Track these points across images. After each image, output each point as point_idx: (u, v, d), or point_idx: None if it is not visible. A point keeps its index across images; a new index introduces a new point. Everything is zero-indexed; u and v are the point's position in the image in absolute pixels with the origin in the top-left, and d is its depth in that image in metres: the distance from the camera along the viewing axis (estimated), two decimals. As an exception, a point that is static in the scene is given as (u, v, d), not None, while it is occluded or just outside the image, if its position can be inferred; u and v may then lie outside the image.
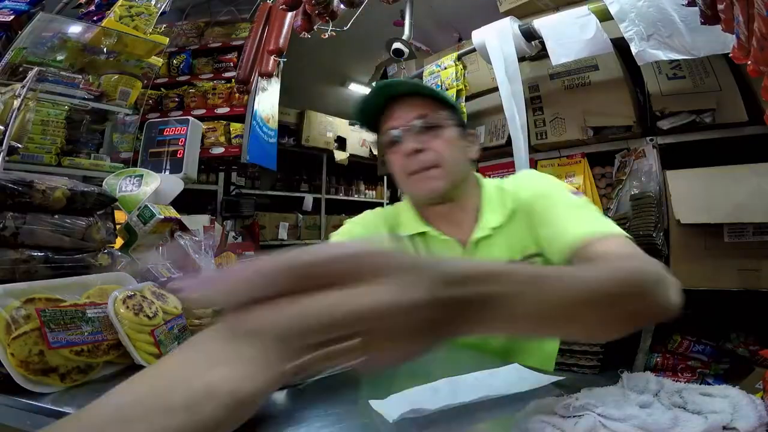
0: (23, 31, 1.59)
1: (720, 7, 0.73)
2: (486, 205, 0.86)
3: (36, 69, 1.36)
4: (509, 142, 1.84)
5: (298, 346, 0.25)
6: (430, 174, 0.81)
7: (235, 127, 2.37)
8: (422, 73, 2.40)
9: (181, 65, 2.55)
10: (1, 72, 1.50)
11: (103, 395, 0.40)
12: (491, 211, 0.85)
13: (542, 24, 1.68)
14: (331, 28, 1.86)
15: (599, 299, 0.41)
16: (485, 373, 0.61)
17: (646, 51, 1.41)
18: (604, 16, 1.52)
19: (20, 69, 1.51)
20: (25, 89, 1.27)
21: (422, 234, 0.88)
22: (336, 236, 0.96)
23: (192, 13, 2.82)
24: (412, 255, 0.29)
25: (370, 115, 0.88)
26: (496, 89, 1.85)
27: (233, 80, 2.37)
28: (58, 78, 1.57)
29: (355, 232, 0.95)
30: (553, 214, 0.74)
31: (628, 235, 0.65)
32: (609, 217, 1.74)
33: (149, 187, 1.09)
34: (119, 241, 1.03)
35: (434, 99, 0.84)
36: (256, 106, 2.31)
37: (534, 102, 2.04)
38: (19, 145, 1.27)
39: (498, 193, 0.87)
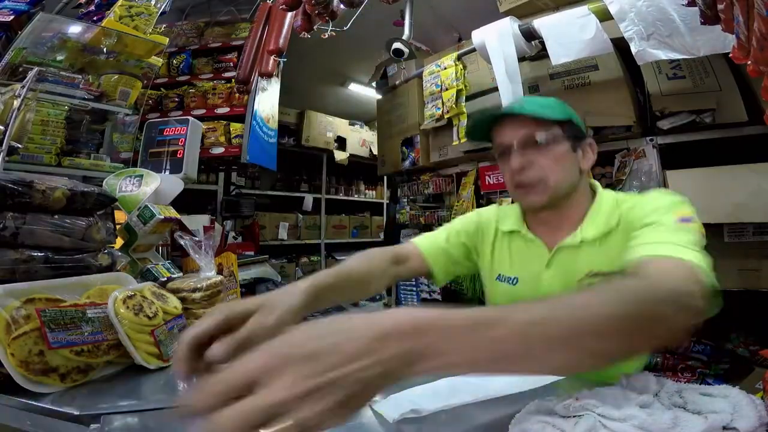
0: (23, 31, 1.59)
1: (720, 7, 0.73)
2: (589, 217, 0.89)
3: (36, 69, 1.36)
4: (509, 142, 1.84)
5: None
6: (533, 190, 0.88)
7: (235, 127, 2.37)
8: (422, 73, 2.40)
9: (181, 65, 2.54)
10: (1, 72, 1.50)
11: None
12: (591, 224, 0.88)
13: (542, 24, 1.68)
14: (331, 28, 1.86)
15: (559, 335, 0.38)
16: None
17: (645, 50, 1.41)
18: (604, 16, 1.52)
19: (20, 69, 1.51)
20: (25, 89, 1.27)
21: (516, 232, 0.97)
22: (459, 220, 1.08)
23: (192, 13, 2.82)
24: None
25: (481, 126, 0.95)
26: (496, 89, 1.85)
27: (233, 80, 2.37)
28: (58, 78, 1.57)
29: (472, 218, 1.07)
30: (642, 233, 0.72)
31: (700, 263, 0.62)
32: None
33: (149, 187, 1.09)
34: (119, 241, 1.03)
35: (546, 119, 0.86)
36: (256, 106, 2.31)
37: (534, 102, 2.04)
38: (19, 145, 1.27)
39: (609, 207, 0.88)
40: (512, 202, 1.07)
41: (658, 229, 0.70)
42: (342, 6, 1.79)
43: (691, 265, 0.60)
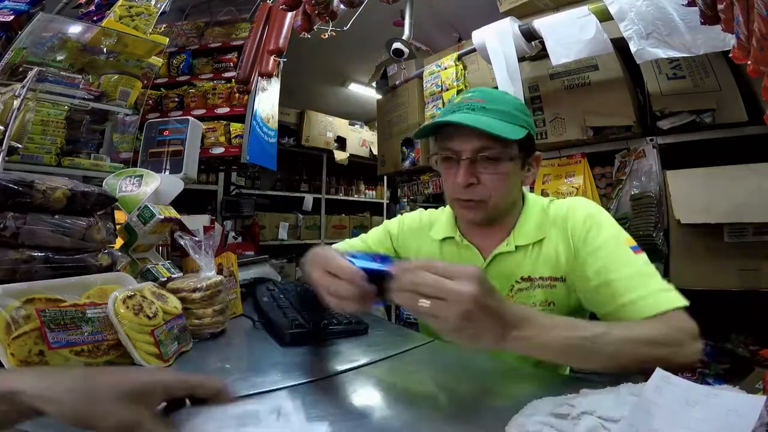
0: (23, 31, 1.59)
1: (720, 7, 0.73)
2: (520, 225, 0.92)
3: (36, 69, 1.36)
4: (509, 142, 1.84)
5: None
6: (473, 208, 0.87)
7: (235, 127, 2.37)
8: (422, 73, 2.40)
9: (181, 65, 2.54)
10: (1, 72, 1.50)
11: None
12: (522, 232, 0.91)
13: (542, 24, 1.68)
14: (331, 28, 1.86)
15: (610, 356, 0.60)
16: None
17: (645, 50, 1.41)
18: (604, 16, 1.52)
19: (20, 69, 1.51)
20: (25, 89, 1.27)
21: (450, 239, 0.98)
22: (389, 223, 1.13)
23: (192, 13, 2.82)
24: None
25: (431, 127, 0.90)
26: (496, 89, 1.85)
27: (233, 80, 2.37)
28: (58, 78, 1.57)
29: (399, 223, 1.11)
30: (614, 274, 0.76)
31: (679, 302, 0.72)
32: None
33: (149, 187, 1.09)
34: (119, 241, 1.03)
35: (497, 137, 0.82)
36: (256, 106, 2.31)
37: (534, 102, 2.04)
38: (19, 145, 1.27)
39: (538, 216, 0.91)
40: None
41: (630, 274, 0.76)
42: (342, 6, 1.79)
43: (683, 312, 0.71)
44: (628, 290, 0.73)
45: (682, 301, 0.71)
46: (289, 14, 2.10)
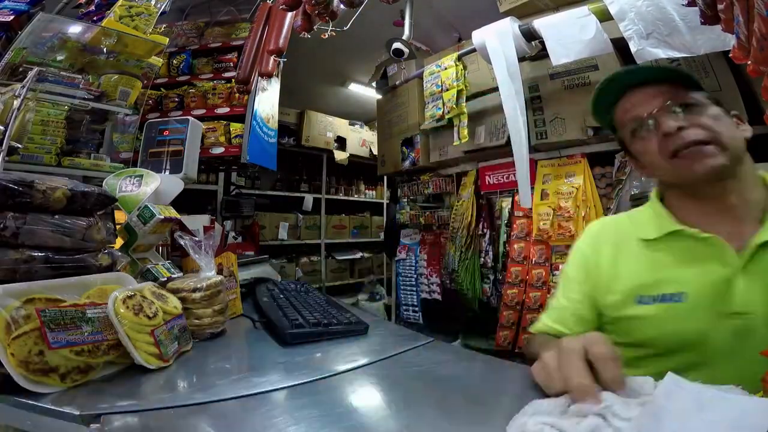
0: (23, 31, 1.59)
1: (720, 7, 0.73)
2: None
3: (36, 69, 1.36)
4: (509, 142, 1.84)
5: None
6: (704, 150, 0.68)
7: (235, 127, 2.37)
8: (422, 73, 2.40)
9: (181, 65, 2.54)
10: (1, 72, 1.49)
11: None
12: None
13: (542, 24, 1.68)
14: (331, 28, 1.86)
15: None
16: None
17: (645, 49, 1.40)
18: (604, 16, 1.52)
19: (20, 69, 1.51)
20: (25, 89, 1.27)
21: (674, 234, 0.74)
22: (570, 260, 0.88)
23: (192, 13, 2.82)
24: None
25: (602, 107, 0.79)
26: (496, 89, 1.85)
27: (233, 80, 2.37)
28: (58, 78, 1.57)
29: (585, 251, 0.85)
30: None
31: None
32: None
33: (149, 187, 1.09)
34: (119, 241, 1.03)
35: (682, 83, 0.71)
36: (256, 106, 2.31)
37: (534, 102, 2.04)
38: (19, 145, 1.26)
39: None
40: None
41: None
42: (342, 6, 1.79)
43: None
44: None
45: None
46: (289, 14, 2.10)
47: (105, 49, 1.70)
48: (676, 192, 0.77)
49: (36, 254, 0.69)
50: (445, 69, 2.20)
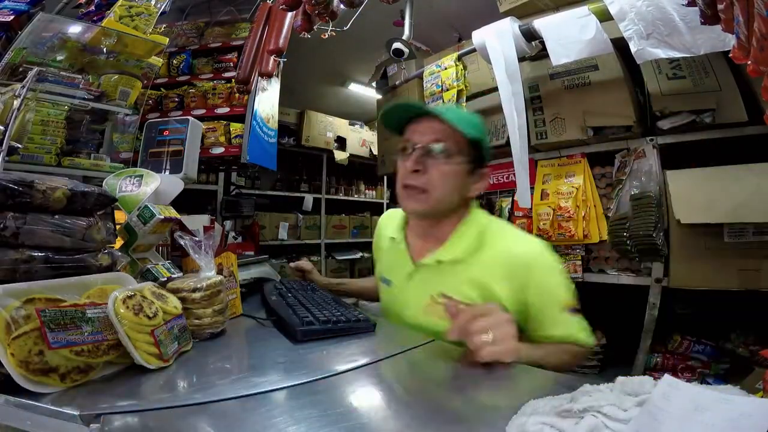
0: (23, 31, 1.59)
1: (720, 7, 0.73)
2: (452, 239, 0.96)
3: (36, 69, 1.36)
4: (509, 142, 1.84)
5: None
6: (417, 195, 0.93)
7: (235, 127, 2.37)
8: (422, 73, 2.40)
9: (181, 65, 2.54)
10: (1, 72, 1.49)
11: None
12: (451, 247, 0.96)
13: (542, 24, 1.68)
14: (331, 28, 1.86)
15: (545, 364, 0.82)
16: None
17: (645, 50, 1.41)
18: (604, 16, 1.52)
19: (20, 69, 1.51)
20: (25, 89, 1.27)
21: (393, 239, 1.08)
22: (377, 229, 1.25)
23: (192, 13, 2.82)
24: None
25: (397, 118, 0.98)
26: (496, 89, 1.85)
27: (233, 80, 2.36)
28: (58, 78, 1.57)
29: (376, 235, 1.25)
30: (550, 312, 0.92)
31: (580, 339, 0.92)
32: (608, 216, 1.73)
33: (149, 187, 1.09)
34: (119, 241, 1.03)
35: (461, 131, 0.90)
36: (256, 106, 2.31)
37: (534, 102, 2.04)
38: (19, 145, 1.26)
39: (473, 241, 0.95)
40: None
41: (564, 323, 0.92)
42: (342, 6, 1.79)
43: (586, 347, 0.93)
44: (555, 328, 0.92)
45: (590, 342, 0.94)
46: (289, 14, 2.10)
47: (105, 49, 1.70)
48: None
49: (36, 254, 0.69)
50: (445, 69, 2.20)
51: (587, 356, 0.99)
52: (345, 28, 2.04)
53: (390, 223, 1.14)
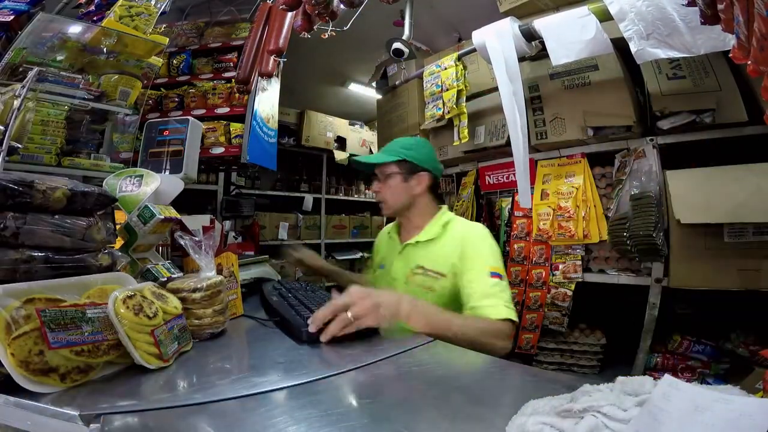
0: (23, 31, 1.59)
1: (720, 6, 0.73)
2: (426, 228, 1.37)
3: (36, 69, 1.36)
4: (509, 142, 1.84)
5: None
6: (383, 206, 1.42)
7: (235, 127, 2.37)
8: (422, 73, 2.40)
9: (181, 65, 2.54)
10: (1, 72, 1.49)
11: None
12: (425, 233, 1.36)
13: (542, 24, 1.68)
14: (331, 28, 1.86)
15: (459, 337, 0.97)
16: None
17: (645, 50, 1.41)
18: (604, 16, 1.52)
19: (20, 69, 1.51)
20: (25, 89, 1.27)
21: (389, 234, 1.51)
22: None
23: (192, 13, 2.82)
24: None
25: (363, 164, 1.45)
26: (496, 89, 1.85)
27: (233, 80, 2.36)
28: (58, 78, 1.56)
29: (378, 237, 1.65)
30: (472, 276, 1.22)
31: (501, 316, 1.12)
32: (608, 216, 1.74)
33: (149, 187, 1.09)
34: (119, 241, 1.03)
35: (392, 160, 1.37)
36: (256, 106, 2.31)
37: (534, 102, 2.04)
38: (19, 145, 1.26)
39: (442, 227, 1.35)
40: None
41: (481, 282, 1.19)
42: (342, 6, 1.79)
43: (497, 321, 1.11)
44: (474, 299, 1.17)
45: (505, 315, 1.12)
46: (289, 14, 2.10)
47: (105, 49, 1.70)
48: None
49: (36, 254, 0.69)
50: (445, 69, 2.20)
51: (507, 334, 1.11)
52: (345, 28, 2.04)
53: (389, 228, 1.54)
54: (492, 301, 1.14)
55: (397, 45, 2.26)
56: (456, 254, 1.25)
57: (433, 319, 0.97)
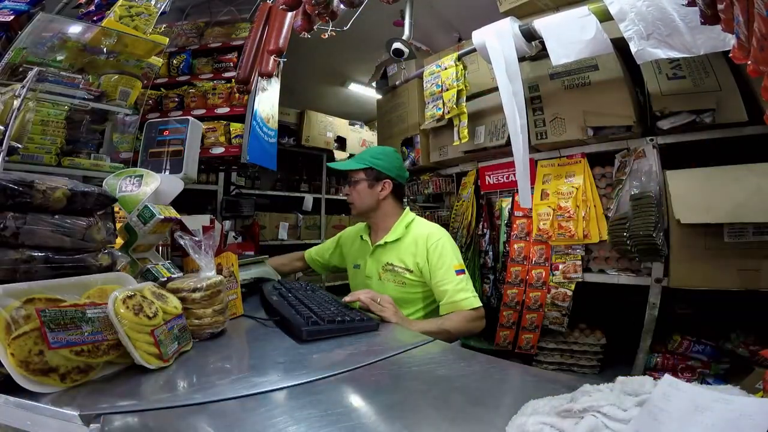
0: (23, 31, 1.59)
1: (720, 6, 0.73)
2: (392, 229, 1.56)
3: (36, 69, 1.36)
4: (509, 142, 1.84)
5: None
6: (352, 207, 1.60)
7: (235, 127, 2.37)
8: (422, 73, 2.40)
9: (181, 65, 2.54)
10: (1, 72, 1.49)
11: None
12: (392, 234, 1.55)
13: (542, 24, 1.68)
14: (331, 28, 1.86)
15: (432, 333, 1.17)
16: None
17: (645, 50, 1.40)
18: (604, 16, 1.52)
19: (20, 69, 1.51)
20: (25, 89, 1.27)
21: (362, 237, 1.65)
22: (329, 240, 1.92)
23: (192, 13, 2.81)
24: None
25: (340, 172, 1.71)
26: (496, 89, 1.85)
27: (233, 80, 2.36)
28: (58, 78, 1.57)
29: (342, 240, 1.84)
30: (441, 277, 1.44)
31: (470, 305, 1.41)
32: (608, 216, 1.74)
33: (149, 187, 1.09)
34: (119, 241, 1.03)
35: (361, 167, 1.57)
36: (256, 106, 2.30)
37: (534, 102, 2.04)
38: (19, 145, 1.26)
39: (405, 228, 1.55)
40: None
41: (450, 280, 1.43)
42: (342, 6, 1.79)
43: (472, 310, 1.40)
44: (450, 295, 1.41)
45: (477, 305, 1.41)
46: (289, 14, 2.10)
47: (105, 49, 1.70)
48: None
49: (36, 254, 0.69)
50: (445, 69, 2.20)
51: (482, 316, 1.42)
52: (345, 28, 2.04)
53: (359, 230, 1.70)
54: (464, 295, 1.41)
55: (397, 45, 2.26)
56: (420, 255, 1.47)
57: (425, 328, 1.27)
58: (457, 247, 1.53)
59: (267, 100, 2.45)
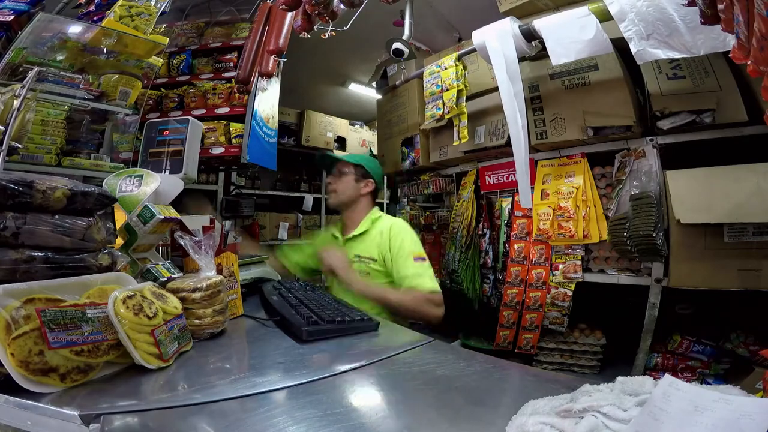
0: (23, 31, 1.59)
1: (720, 6, 0.73)
2: (361, 223, 1.69)
3: (36, 69, 1.35)
4: (509, 142, 1.84)
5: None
6: (332, 194, 1.75)
7: (235, 127, 2.37)
8: (422, 73, 2.40)
9: (181, 65, 2.54)
10: (1, 72, 1.49)
11: None
12: (360, 228, 1.68)
13: (542, 24, 1.68)
14: (331, 28, 1.86)
15: (386, 303, 1.48)
16: None
17: (645, 50, 1.40)
18: (604, 16, 1.52)
19: (20, 69, 1.51)
20: (25, 89, 1.27)
21: (334, 234, 1.80)
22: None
23: (192, 13, 2.81)
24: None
25: (325, 162, 1.89)
26: (496, 89, 1.85)
27: (233, 80, 2.36)
28: (58, 78, 1.56)
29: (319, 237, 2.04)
30: (401, 264, 1.55)
31: (427, 288, 1.48)
32: (608, 216, 1.74)
33: (149, 187, 1.09)
34: (119, 241, 1.03)
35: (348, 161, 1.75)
36: (256, 106, 2.30)
37: (534, 102, 2.04)
38: (19, 145, 1.26)
39: (371, 222, 1.69)
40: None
41: (409, 266, 1.53)
42: (342, 6, 1.79)
43: (428, 293, 1.47)
44: (409, 280, 1.50)
45: (431, 286, 1.48)
46: (289, 14, 2.09)
47: (105, 49, 1.70)
48: None
49: (36, 254, 0.69)
50: (445, 69, 2.20)
51: (439, 302, 1.47)
52: (345, 28, 2.04)
53: (331, 230, 1.85)
54: (422, 280, 1.48)
55: (397, 45, 2.26)
56: (384, 244, 1.59)
57: (368, 288, 1.49)
58: (418, 238, 1.66)
59: (267, 100, 2.45)
